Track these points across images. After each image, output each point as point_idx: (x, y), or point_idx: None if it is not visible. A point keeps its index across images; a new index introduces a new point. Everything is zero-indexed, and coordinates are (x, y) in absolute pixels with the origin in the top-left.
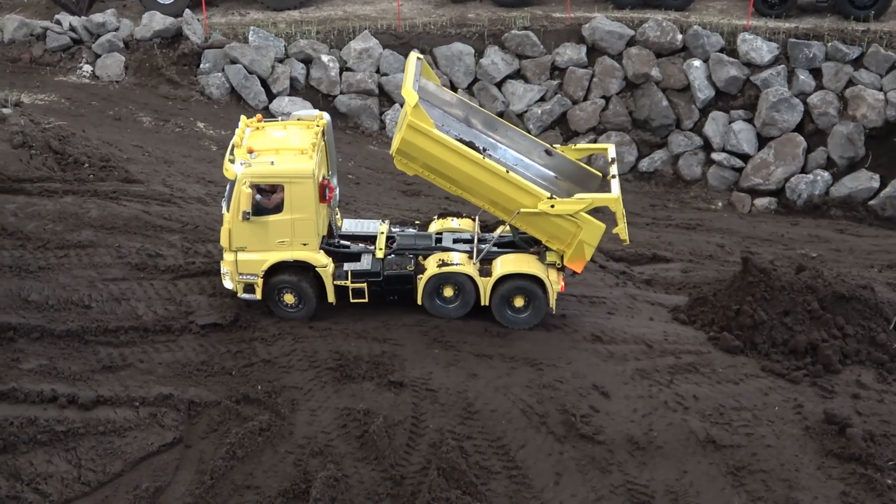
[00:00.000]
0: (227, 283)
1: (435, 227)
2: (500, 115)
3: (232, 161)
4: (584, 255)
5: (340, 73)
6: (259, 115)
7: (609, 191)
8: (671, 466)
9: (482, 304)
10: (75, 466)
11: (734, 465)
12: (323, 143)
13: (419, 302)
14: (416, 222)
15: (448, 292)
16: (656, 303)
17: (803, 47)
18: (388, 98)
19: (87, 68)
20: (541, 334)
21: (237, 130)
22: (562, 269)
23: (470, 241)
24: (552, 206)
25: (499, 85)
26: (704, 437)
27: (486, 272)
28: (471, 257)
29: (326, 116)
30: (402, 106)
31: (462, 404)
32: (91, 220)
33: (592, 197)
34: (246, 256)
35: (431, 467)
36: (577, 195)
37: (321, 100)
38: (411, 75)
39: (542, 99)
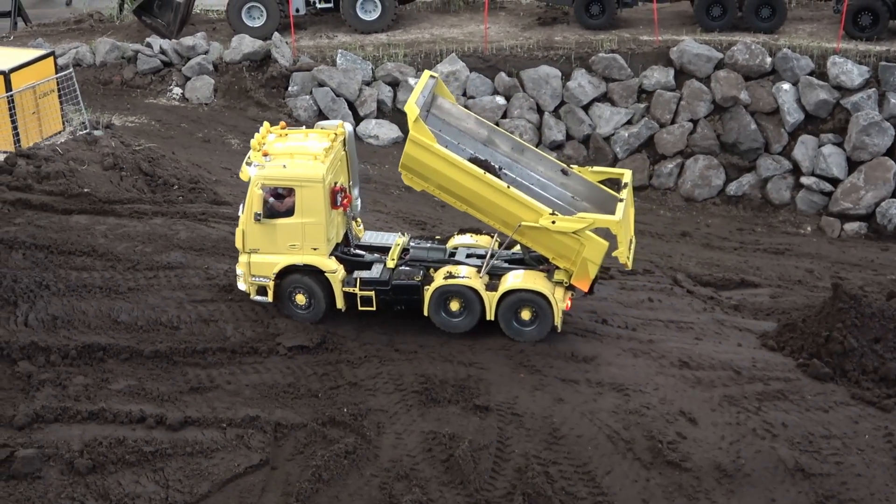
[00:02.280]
0: (241, 285)
1: (455, 242)
2: (587, 137)
3: (248, 164)
4: (589, 274)
5: None
6: (283, 122)
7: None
8: (759, 495)
9: (487, 318)
10: (163, 487)
11: (823, 494)
12: (343, 152)
13: (426, 313)
14: (437, 237)
15: (454, 306)
16: (744, 328)
17: (895, 70)
18: None
19: (177, 91)
20: (628, 359)
21: (256, 135)
22: (570, 287)
23: (483, 257)
24: (553, 223)
25: (585, 108)
26: (793, 465)
27: (493, 287)
28: (479, 271)
29: (348, 126)
30: None
31: (548, 429)
32: (180, 242)
33: (594, 217)
34: (259, 258)
35: (517, 492)
36: (580, 213)
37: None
38: (418, 91)
39: (629, 122)
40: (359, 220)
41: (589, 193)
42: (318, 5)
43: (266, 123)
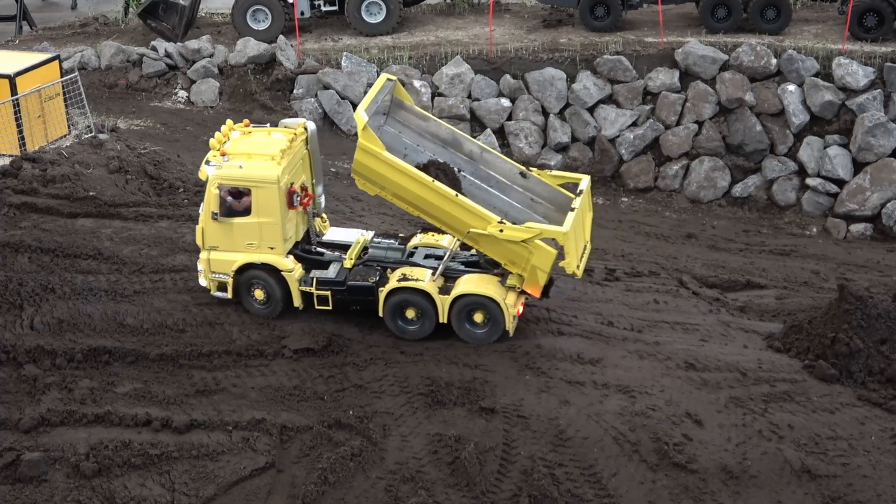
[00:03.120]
0: (202, 281)
1: (416, 241)
2: (592, 139)
3: (206, 163)
4: (538, 281)
5: (432, 99)
6: (246, 121)
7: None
8: (765, 496)
9: (440, 321)
10: (169, 490)
11: (830, 495)
12: (306, 150)
13: (380, 314)
14: (401, 235)
15: (411, 314)
16: (750, 330)
17: None
18: (479, 123)
19: (182, 94)
20: (633, 361)
21: (217, 133)
22: (523, 292)
23: (441, 258)
24: (501, 231)
25: (591, 110)
26: (799, 466)
27: (447, 290)
28: (434, 274)
29: (310, 125)
30: (493, 131)
31: (553, 431)
32: (186, 245)
33: (541, 227)
34: (218, 256)
35: (523, 494)
36: (528, 223)
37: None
38: (371, 96)
39: (635, 124)
40: (324, 216)
41: (550, 196)
42: (323, 8)
43: (229, 122)
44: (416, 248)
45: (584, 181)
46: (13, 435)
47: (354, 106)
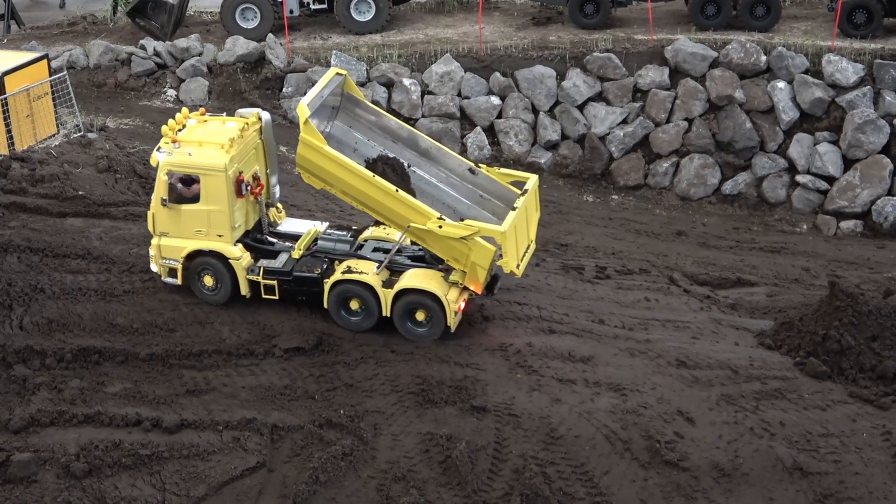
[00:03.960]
0: (153, 266)
1: (367, 234)
2: (582, 137)
3: (158, 150)
4: (478, 277)
5: (422, 97)
6: (202, 109)
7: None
8: (757, 494)
9: (383, 314)
10: (159, 490)
11: (822, 492)
12: (259, 140)
13: (325, 306)
14: (353, 228)
15: (354, 305)
16: (741, 327)
17: (889, 68)
18: (469, 121)
19: (172, 93)
20: (625, 359)
21: (171, 120)
22: (465, 289)
23: (389, 252)
24: (440, 227)
25: (581, 107)
26: (791, 464)
27: (391, 284)
28: (378, 267)
29: (265, 115)
30: (483, 129)
31: (545, 430)
32: None
33: (479, 225)
34: (168, 242)
35: (514, 493)
36: (467, 221)
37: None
38: (317, 90)
39: (625, 121)
40: (279, 206)
41: (499, 193)
42: (312, 6)
43: (184, 109)
44: (366, 240)
45: (531, 181)
46: (3, 435)
47: None
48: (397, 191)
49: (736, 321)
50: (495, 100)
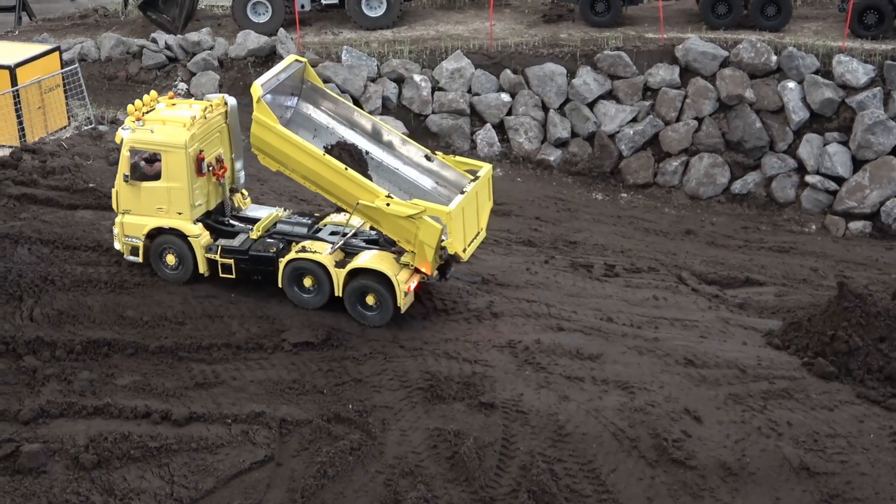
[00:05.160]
0: (116, 245)
1: (328, 220)
2: (592, 135)
3: (122, 128)
4: (426, 257)
5: (432, 93)
6: (171, 93)
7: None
8: (764, 493)
9: (335, 293)
10: (168, 482)
11: (828, 493)
12: (225, 124)
13: (280, 285)
14: (316, 214)
15: (307, 282)
16: (749, 327)
17: None
18: (479, 118)
19: (182, 86)
20: (633, 357)
21: (137, 101)
22: (417, 271)
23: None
24: (387, 205)
25: (591, 105)
26: (798, 464)
27: (344, 265)
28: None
29: (231, 100)
30: (493, 126)
31: (553, 427)
32: None
33: (426, 205)
34: (130, 219)
35: (521, 490)
36: (414, 200)
37: (412, 119)
38: (274, 73)
39: (634, 120)
40: (244, 192)
41: (455, 179)
42: (324, 1)
43: (153, 92)
44: (325, 225)
45: (484, 169)
46: (12, 426)
47: (354, 100)
48: (346, 169)
49: (744, 321)
50: (505, 97)
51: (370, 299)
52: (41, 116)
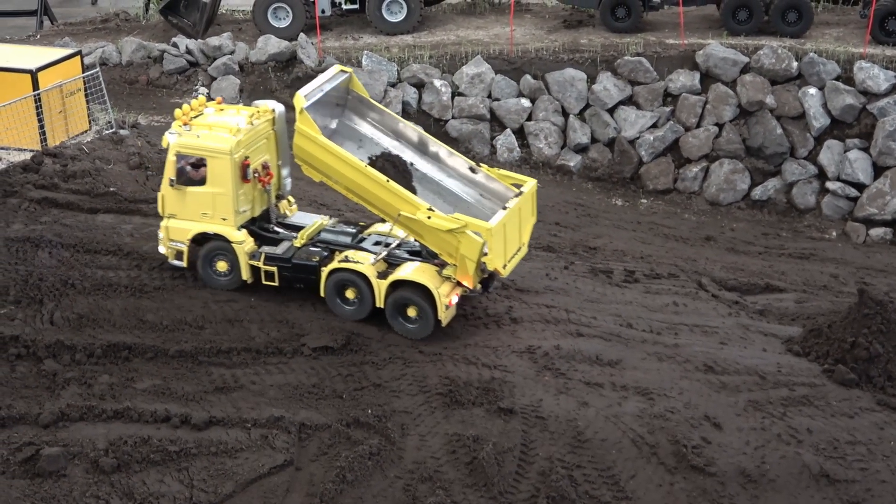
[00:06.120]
0: (161, 249)
1: (373, 230)
2: (612, 140)
3: (169, 132)
4: (468, 270)
5: (452, 98)
6: (220, 98)
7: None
8: (783, 500)
9: (376, 304)
10: (187, 487)
11: (848, 500)
12: (272, 131)
13: (322, 293)
14: (361, 223)
15: (350, 294)
16: (769, 333)
17: None
18: (499, 123)
19: (203, 90)
20: (652, 363)
21: (185, 105)
22: (459, 284)
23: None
24: (428, 218)
25: (611, 111)
26: (818, 471)
27: (386, 275)
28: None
29: (279, 108)
30: (513, 131)
31: (572, 433)
32: None
33: (467, 219)
34: (175, 224)
35: (540, 496)
36: (455, 214)
37: (433, 124)
38: (318, 83)
39: (655, 125)
40: (290, 199)
41: (500, 192)
42: (344, 6)
43: (201, 97)
44: (370, 235)
45: (529, 184)
46: (33, 429)
47: None
48: (388, 181)
49: (764, 327)
50: (525, 102)
51: (411, 311)
52: (62, 120)
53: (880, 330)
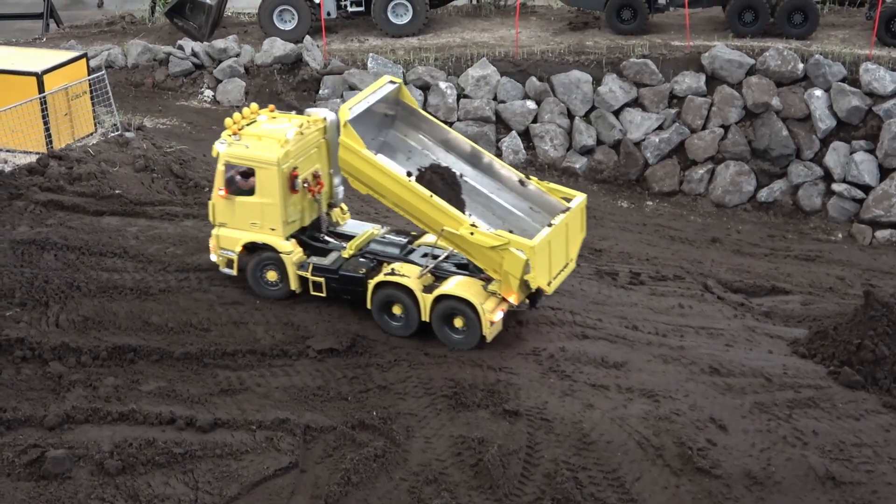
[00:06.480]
0: (212, 257)
1: (423, 241)
2: (618, 143)
3: (220, 142)
4: (511, 286)
5: (458, 100)
6: (272, 106)
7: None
8: (789, 503)
9: (422, 318)
10: (192, 489)
11: (854, 502)
12: (323, 140)
13: (368, 306)
14: (412, 234)
15: (396, 310)
16: (775, 335)
17: None
18: (505, 125)
19: (209, 93)
20: (658, 366)
21: (235, 114)
22: (504, 300)
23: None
24: (471, 234)
25: (616, 113)
26: (824, 473)
27: (432, 289)
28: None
29: (331, 116)
30: (519, 133)
31: (577, 435)
32: None
33: (510, 237)
34: (225, 232)
35: (546, 498)
36: (498, 231)
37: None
38: (364, 95)
39: (660, 127)
40: (343, 206)
41: (551, 206)
42: (350, 9)
43: (254, 105)
44: (419, 246)
45: (577, 199)
46: (38, 432)
47: None
48: (431, 196)
49: (770, 329)
50: (531, 104)
51: (458, 322)
52: (68, 123)
53: (886, 332)
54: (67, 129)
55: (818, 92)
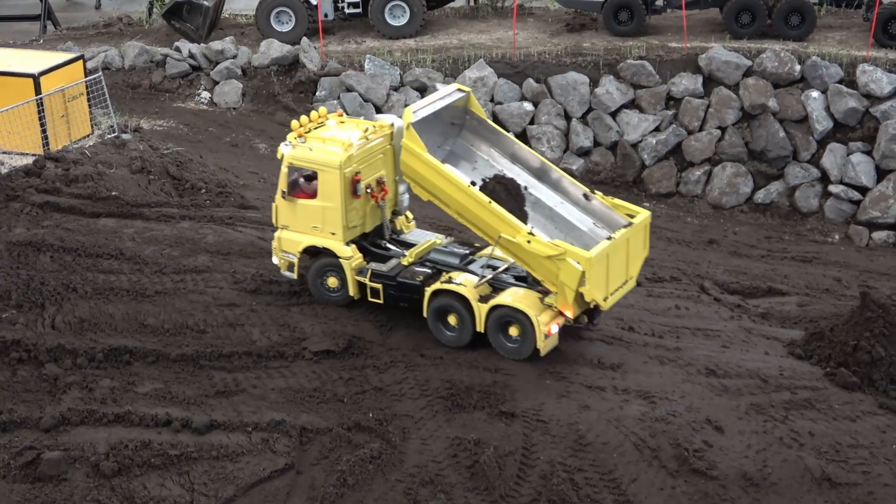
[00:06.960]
0: (274, 259)
1: (486, 252)
2: (615, 144)
3: (285, 143)
4: (567, 298)
5: None
6: (340, 111)
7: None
8: None
9: (476, 329)
10: (188, 491)
11: (850, 503)
12: (390, 146)
13: (424, 314)
14: (476, 245)
15: (452, 320)
16: (772, 337)
17: None
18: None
19: (206, 95)
20: (654, 367)
21: (302, 118)
22: (560, 313)
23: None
24: (528, 242)
25: (613, 114)
26: (820, 474)
27: (488, 299)
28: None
29: (398, 122)
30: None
31: (573, 436)
32: (207, 246)
33: (567, 247)
34: (287, 235)
35: (542, 499)
36: (556, 241)
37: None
38: (431, 100)
39: (657, 129)
40: (408, 215)
41: (616, 222)
42: (347, 10)
43: (322, 109)
44: (480, 257)
45: (641, 216)
46: (33, 433)
47: (377, 108)
48: (490, 202)
49: (766, 330)
50: (528, 106)
51: (513, 330)
52: (65, 125)
53: (882, 333)
54: (64, 130)
55: (815, 93)
